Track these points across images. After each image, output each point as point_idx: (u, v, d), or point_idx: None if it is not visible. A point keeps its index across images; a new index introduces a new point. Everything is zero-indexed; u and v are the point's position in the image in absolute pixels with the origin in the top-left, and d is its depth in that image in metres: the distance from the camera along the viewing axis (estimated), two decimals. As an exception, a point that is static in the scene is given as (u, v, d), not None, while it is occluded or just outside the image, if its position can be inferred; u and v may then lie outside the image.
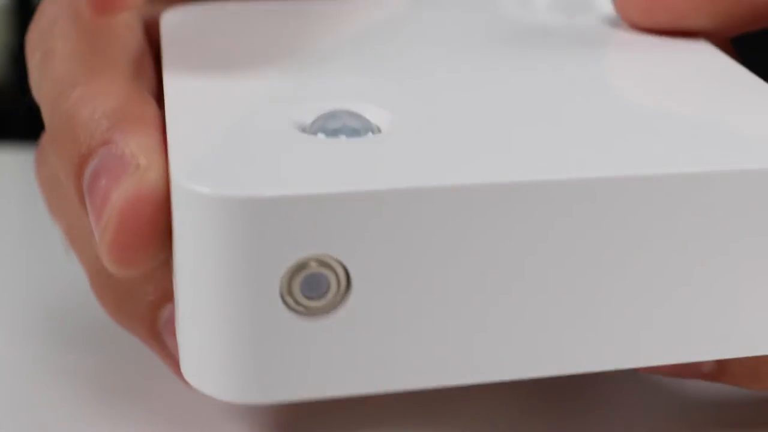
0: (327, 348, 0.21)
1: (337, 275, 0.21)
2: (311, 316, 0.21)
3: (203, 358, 0.21)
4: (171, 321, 0.26)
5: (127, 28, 0.27)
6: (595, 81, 0.26)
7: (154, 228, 0.22)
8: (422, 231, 0.21)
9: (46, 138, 0.25)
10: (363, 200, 0.20)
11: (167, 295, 0.26)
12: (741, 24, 0.28)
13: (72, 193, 0.24)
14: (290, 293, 0.20)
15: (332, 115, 0.23)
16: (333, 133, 0.22)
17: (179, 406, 0.28)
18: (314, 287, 0.20)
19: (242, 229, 0.20)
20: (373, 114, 0.23)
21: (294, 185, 0.20)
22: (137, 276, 0.25)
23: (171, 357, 0.27)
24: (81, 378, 0.29)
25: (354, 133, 0.23)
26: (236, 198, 0.20)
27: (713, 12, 0.28)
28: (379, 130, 0.23)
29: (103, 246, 0.22)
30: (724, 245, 0.22)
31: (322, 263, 0.20)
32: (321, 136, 0.23)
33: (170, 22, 0.28)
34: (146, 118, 0.24)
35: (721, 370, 0.26)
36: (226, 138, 0.23)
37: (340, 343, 0.21)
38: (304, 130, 0.23)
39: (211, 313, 0.21)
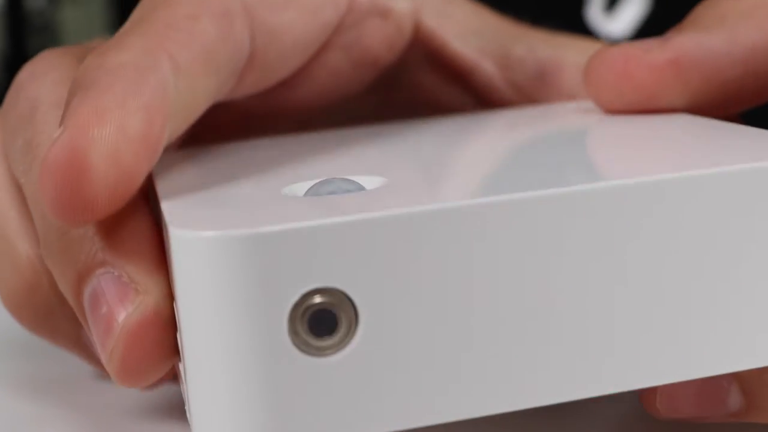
0: (342, 387, 0.20)
1: (343, 310, 0.20)
2: (322, 355, 0.20)
3: (217, 411, 0.21)
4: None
5: None
6: (576, 135, 0.27)
7: (159, 347, 0.23)
8: (425, 257, 0.20)
9: (42, 251, 0.25)
10: (362, 228, 0.20)
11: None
12: (714, 104, 0.28)
13: (73, 306, 0.24)
14: (298, 333, 0.20)
15: (325, 181, 0.23)
16: (327, 194, 0.23)
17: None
18: (322, 324, 0.20)
19: (244, 267, 0.20)
20: (366, 180, 0.23)
21: (292, 220, 0.20)
22: (55, 297, 0.27)
23: (98, 361, 0.27)
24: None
25: (348, 192, 0.22)
26: (236, 236, 0.20)
27: (683, 91, 0.27)
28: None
29: (111, 370, 0.23)
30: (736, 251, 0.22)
31: (328, 298, 0.20)
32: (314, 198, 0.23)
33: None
34: (139, 232, 0.24)
35: (749, 406, 0.25)
36: (219, 200, 0.23)
37: (354, 381, 0.20)
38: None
39: (220, 362, 0.20)
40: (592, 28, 0.50)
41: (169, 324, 0.23)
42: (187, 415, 0.22)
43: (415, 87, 0.32)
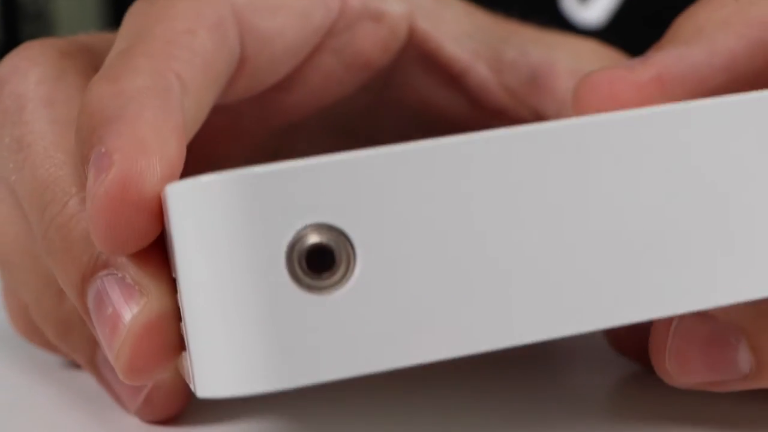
0: (343, 324, 0.20)
1: (341, 247, 0.20)
2: (321, 292, 0.20)
3: (217, 354, 0.21)
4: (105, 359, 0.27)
5: None
6: None
7: (164, 346, 0.23)
8: (421, 193, 0.21)
9: (41, 249, 0.25)
10: (355, 165, 0.20)
11: None
12: None
13: (76, 306, 0.25)
14: (296, 270, 0.20)
15: None
16: None
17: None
18: (320, 262, 0.20)
19: (239, 208, 0.20)
20: None
21: (285, 164, 0.20)
22: (71, 316, 0.27)
23: (109, 386, 0.28)
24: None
25: None
26: (228, 178, 0.20)
27: None
28: None
29: (118, 369, 0.23)
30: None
31: (324, 235, 0.20)
32: None
33: None
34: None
35: (759, 366, 0.24)
36: None
37: (355, 318, 0.20)
38: None
39: (220, 305, 0.21)
40: (566, 16, 0.50)
41: (174, 322, 0.23)
42: (186, 365, 0.23)
43: (409, 89, 0.32)
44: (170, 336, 0.23)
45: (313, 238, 0.20)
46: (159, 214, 0.23)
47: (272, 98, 0.30)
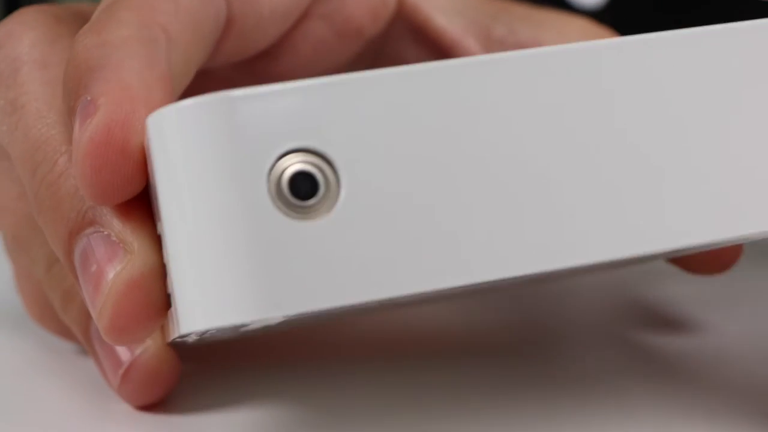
0: (328, 252, 0.20)
1: (323, 171, 0.20)
2: (305, 218, 0.20)
3: (201, 284, 0.21)
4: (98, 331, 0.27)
5: None
6: None
7: (148, 306, 0.23)
8: (405, 117, 0.20)
9: (33, 209, 0.25)
10: (340, 88, 0.20)
11: None
12: None
13: (63, 263, 0.25)
14: (279, 195, 0.20)
15: None
16: None
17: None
18: (303, 187, 0.20)
19: (219, 132, 0.20)
20: None
21: (266, 87, 0.20)
22: (73, 288, 0.27)
23: (97, 360, 0.28)
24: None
25: None
26: (207, 101, 0.20)
27: None
28: None
29: (101, 328, 0.23)
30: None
31: (306, 159, 0.20)
32: None
33: None
34: None
35: None
36: None
37: (341, 245, 0.20)
38: None
39: (203, 233, 0.20)
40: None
41: (158, 283, 0.23)
42: (171, 301, 0.22)
43: (399, 60, 0.32)
44: (154, 295, 0.23)
45: (296, 163, 0.20)
46: (144, 163, 0.22)
47: (262, 66, 0.30)
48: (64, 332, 0.30)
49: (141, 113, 0.22)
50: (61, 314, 0.28)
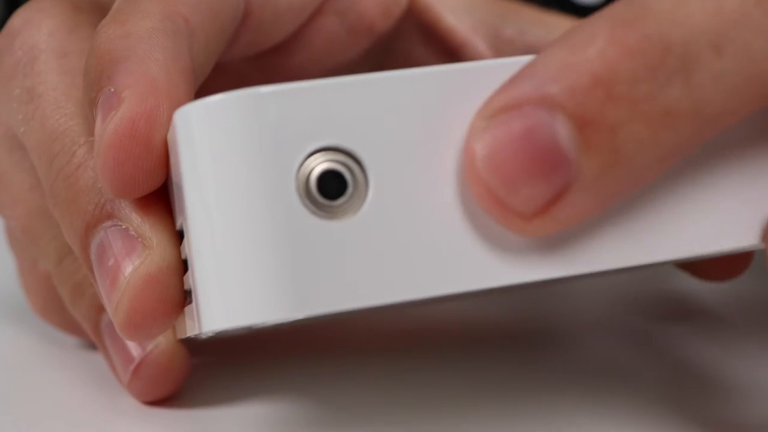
0: (358, 251, 0.20)
1: (352, 171, 0.20)
2: (333, 217, 0.20)
3: (226, 284, 0.20)
4: (110, 324, 0.27)
5: None
6: None
7: (164, 302, 0.23)
8: (434, 116, 0.20)
9: (48, 201, 0.25)
10: (371, 87, 0.20)
11: None
12: None
13: (79, 257, 0.24)
14: (307, 194, 0.20)
15: None
16: None
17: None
18: (332, 186, 0.20)
19: (248, 129, 0.20)
20: None
21: (296, 84, 0.20)
22: (84, 281, 0.27)
23: (108, 356, 0.27)
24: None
25: None
26: (237, 97, 0.20)
27: None
28: None
29: (116, 323, 0.23)
30: None
31: (335, 158, 0.20)
32: None
33: None
34: None
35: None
36: None
37: (368, 245, 0.20)
38: None
39: (229, 232, 0.20)
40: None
41: (175, 279, 0.23)
42: (188, 318, 0.22)
43: (408, 58, 0.32)
44: (171, 291, 0.23)
45: (325, 162, 0.20)
46: (166, 158, 0.22)
47: (275, 61, 0.30)
48: (68, 326, 0.30)
49: (165, 107, 0.22)
50: (70, 308, 0.28)
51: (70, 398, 0.28)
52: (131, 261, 0.23)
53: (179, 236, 0.23)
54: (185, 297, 0.23)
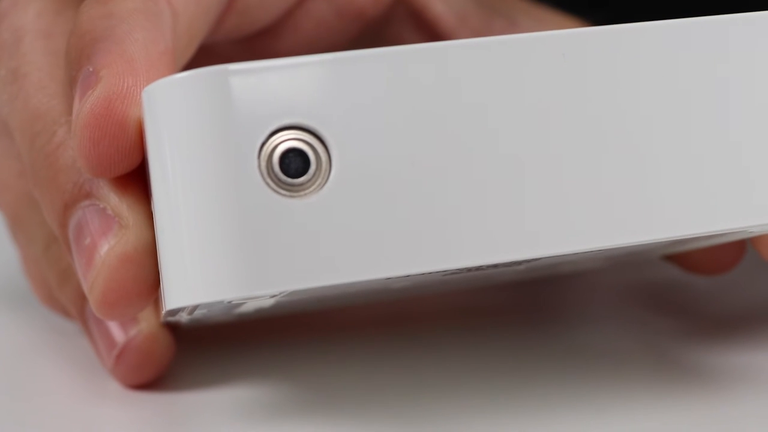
0: (320, 230, 0.20)
1: (315, 149, 0.20)
2: (296, 195, 0.20)
3: (190, 260, 0.20)
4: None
5: None
6: None
7: (139, 282, 0.23)
8: (398, 96, 0.20)
9: (30, 181, 0.25)
10: (334, 65, 0.20)
11: None
12: None
13: (58, 235, 0.25)
14: (271, 172, 0.20)
15: None
16: None
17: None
18: (294, 164, 0.20)
19: (211, 106, 0.20)
20: None
21: (260, 63, 0.20)
22: (69, 267, 0.27)
23: (92, 341, 0.27)
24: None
25: None
26: (201, 74, 0.20)
27: None
28: None
29: (92, 302, 0.23)
30: None
31: (298, 136, 0.20)
32: None
33: None
34: None
35: None
36: None
37: (333, 223, 0.20)
38: None
39: (192, 208, 0.20)
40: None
41: (151, 260, 0.23)
42: (160, 276, 0.22)
43: (397, 45, 0.32)
44: (146, 271, 0.23)
45: (288, 140, 0.20)
46: (142, 138, 0.22)
47: (262, 44, 0.30)
48: (72, 314, 0.29)
49: (142, 87, 0.22)
50: (57, 293, 0.28)
51: (65, 383, 0.28)
52: (107, 240, 0.23)
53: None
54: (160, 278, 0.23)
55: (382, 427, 0.25)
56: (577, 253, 0.22)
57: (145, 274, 0.23)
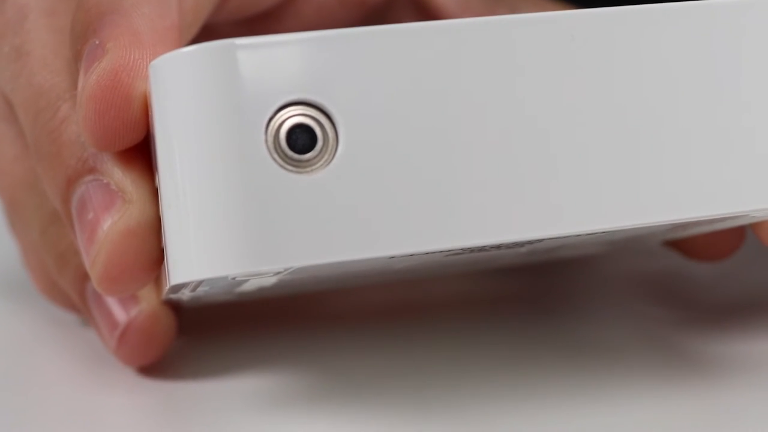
0: (326, 206, 0.20)
1: (322, 125, 0.20)
2: (302, 171, 0.20)
3: (195, 236, 0.20)
4: (96, 291, 0.27)
5: None
6: None
7: (142, 258, 0.23)
8: (408, 73, 0.20)
9: (33, 157, 0.25)
10: (343, 41, 0.20)
11: None
12: None
13: (60, 211, 0.24)
14: (277, 147, 0.20)
15: None
16: None
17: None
18: (301, 139, 0.20)
19: (219, 80, 0.20)
20: None
21: (268, 37, 0.20)
22: (68, 250, 0.27)
23: (94, 323, 0.27)
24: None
25: None
26: (209, 48, 0.20)
27: None
28: None
29: (94, 277, 0.23)
30: None
31: (305, 112, 0.20)
32: None
33: None
34: None
35: None
36: None
37: (338, 200, 0.20)
38: None
39: (198, 183, 0.20)
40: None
41: (154, 236, 0.23)
42: (164, 252, 0.22)
43: None
44: (148, 246, 0.23)
45: (295, 116, 0.20)
46: (146, 112, 0.22)
47: (264, 27, 0.30)
48: (71, 305, 0.29)
49: (148, 61, 0.22)
50: (56, 277, 0.28)
51: (66, 375, 0.28)
52: (110, 215, 0.23)
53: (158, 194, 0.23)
54: (163, 255, 0.23)
55: (381, 416, 0.25)
56: (580, 236, 0.22)
57: (148, 249, 0.23)
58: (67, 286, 0.28)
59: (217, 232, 0.20)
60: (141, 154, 0.23)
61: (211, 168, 0.20)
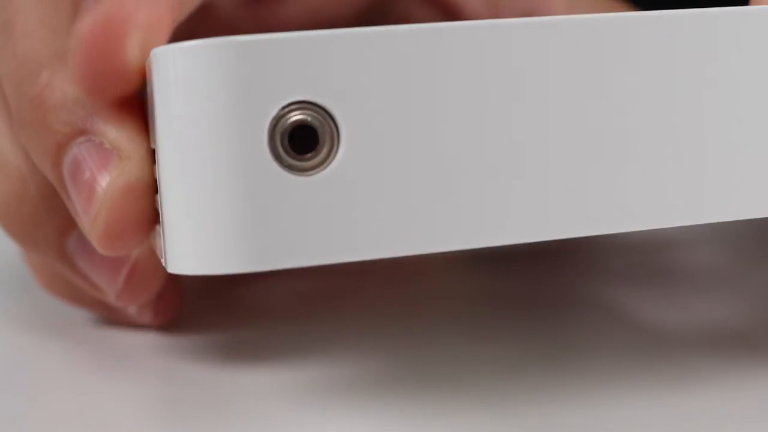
0: (325, 208, 0.20)
1: (324, 126, 0.20)
2: (303, 173, 0.20)
3: (193, 234, 0.20)
4: (81, 244, 0.27)
5: None
6: None
7: (141, 214, 0.23)
8: (412, 75, 0.20)
9: (17, 129, 0.25)
10: (348, 41, 0.20)
11: (71, 223, 0.26)
12: None
13: (51, 177, 0.24)
14: (278, 148, 0.20)
15: None
16: None
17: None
18: (304, 141, 0.20)
19: (222, 78, 0.20)
20: None
21: (273, 35, 0.20)
22: (41, 206, 0.26)
23: (84, 277, 0.27)
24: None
25: None
26: (213, 44, 0.20)
27: None
28: None
29: (95, 236, 0.23)
30: None
31: (308, 113, 0.20)
32: None
33: None
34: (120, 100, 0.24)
35: None
36: None
37: (338, 202, 0.20)
38: None
39: (198, 181, 0.20)
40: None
41: (150, 193, 0.23)
42: (160, 240, 0.22)
43: (406, 19, 0.32)
44: (147, 204, 0.23)
45: (297, 116, 0.20)
46: (141, 67, 0.22)
47: (267, 10, 0.29)
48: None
49: (143, 13, 0.22)
50: (24, 242, 0.28)
51: (70, 369, 0.28)
52: (108, 172, 0.23)
53: (153, 155, 0.23)
54: (158, 215, 0.23)
55: (382, 413, 0.25)
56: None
57: (146, 207, 0.23)
58: (41, 249, 0.27)
59: (216, 230, 0.20)
60: (134, 114, 0.23)
61: (212, 166, 0.20)
